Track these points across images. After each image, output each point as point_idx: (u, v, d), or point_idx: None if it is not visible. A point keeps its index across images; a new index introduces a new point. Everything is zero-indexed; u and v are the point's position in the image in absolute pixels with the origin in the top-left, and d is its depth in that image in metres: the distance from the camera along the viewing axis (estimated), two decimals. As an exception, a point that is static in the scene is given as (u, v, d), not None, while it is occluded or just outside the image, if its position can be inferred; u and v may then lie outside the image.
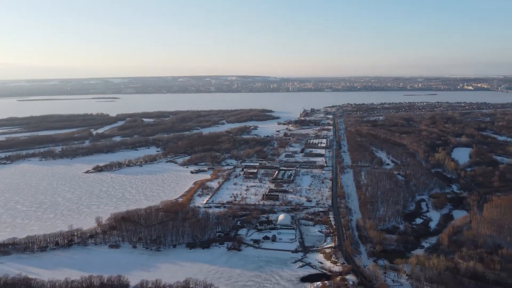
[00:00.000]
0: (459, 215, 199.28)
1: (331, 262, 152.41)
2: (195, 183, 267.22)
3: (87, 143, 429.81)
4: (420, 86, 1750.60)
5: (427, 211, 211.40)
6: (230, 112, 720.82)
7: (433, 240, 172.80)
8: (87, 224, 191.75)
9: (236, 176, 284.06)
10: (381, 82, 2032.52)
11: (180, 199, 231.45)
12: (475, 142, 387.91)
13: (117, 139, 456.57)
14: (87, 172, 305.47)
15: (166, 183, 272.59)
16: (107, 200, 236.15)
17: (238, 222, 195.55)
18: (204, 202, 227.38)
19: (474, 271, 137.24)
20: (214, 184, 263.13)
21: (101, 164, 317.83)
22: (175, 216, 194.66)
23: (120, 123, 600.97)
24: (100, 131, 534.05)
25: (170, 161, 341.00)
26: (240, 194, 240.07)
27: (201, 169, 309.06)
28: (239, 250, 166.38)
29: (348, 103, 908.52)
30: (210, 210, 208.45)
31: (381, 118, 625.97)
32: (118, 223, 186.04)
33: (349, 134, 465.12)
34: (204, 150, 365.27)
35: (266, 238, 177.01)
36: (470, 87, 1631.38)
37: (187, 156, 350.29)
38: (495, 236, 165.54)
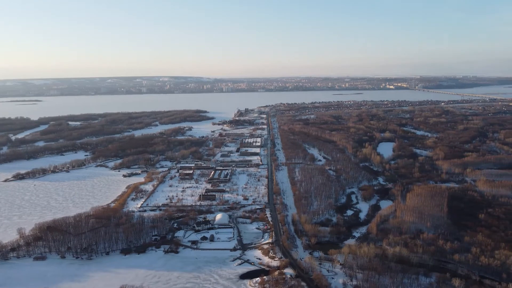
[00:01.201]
0: (386, 205, 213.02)
1: (269, 258, 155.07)
2: (128, 187, 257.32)
3: (5, 149, 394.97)
4: (347, 85, 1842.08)
5: (357, 203, 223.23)
6: (163, 114, 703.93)
7: (363, 229, 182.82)
8: (8, 236, 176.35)
9: (171, 178, 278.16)
10: (311, 82, 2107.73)
11: (113, 204, 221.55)
12: (397, 137, 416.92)
13: (40, 144, 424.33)
14: (6, 180, 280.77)
15: (96, 188, 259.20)
16: (31, 209, 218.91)
17: (175, 224, 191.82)
18: (139, 206, 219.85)
19: (400, 255, 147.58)
20: (149, 187, 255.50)
21: (23, 172, 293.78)
22: (108, 222, 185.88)
23: (43, 127, 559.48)
24: (20, 136, 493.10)
25: (101, 166, 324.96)
26: (176, 196, 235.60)
27: (134, 172, 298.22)
28: (177, 252, 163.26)
29: (281, 103, 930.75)
30: (145, 214, 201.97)
31: (312, 116, 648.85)
32: (44, 233, 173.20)
33: (283, 132, 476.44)
34: (137, 152, 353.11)
35: (204, 238, 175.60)
36: (391, 86, 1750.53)
37: (119, 160, 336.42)
38: (417, 222, 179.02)
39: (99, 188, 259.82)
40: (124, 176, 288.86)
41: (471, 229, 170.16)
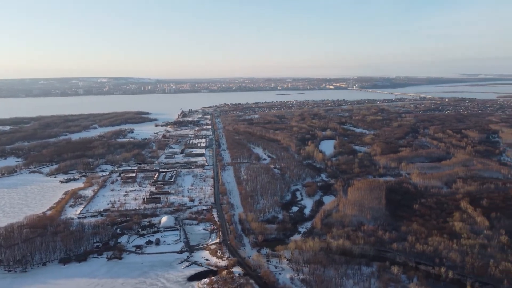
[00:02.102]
0: (329, 200, 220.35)
1: (217, 258, 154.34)
2: (65, 193, 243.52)
3: None
4: (289, 86, 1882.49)
5: (302, 199, 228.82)
6: (102, 116, 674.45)
7: (308, 225, 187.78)
8: None
9: (113, 182, 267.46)
10: (254, 83, 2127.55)
11: (49, 212, 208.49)
12: (338, 135, 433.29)
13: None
14: None
15: (30, 196, 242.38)
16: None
17: (118, 230, 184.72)
18: (78, 212, 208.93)
19: (343, 248, 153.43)
20: (89, 192, 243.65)
21: None
22: (44, 231, 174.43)
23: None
24: None
25: (34, 172, 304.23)
26: (119, 200, 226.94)
27: (72, 177, 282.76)
28: (121, 258, 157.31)
29: (225, 103, 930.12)
30: (86, 221, 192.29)
31: (256, 116, 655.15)
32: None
33: (227, 132, 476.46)
34: (75, 157, 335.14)
35: (149, 242, 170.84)
36: (331, 86, 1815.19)
37: (55, 165, 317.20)
38: (358, 215, 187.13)
39: (33, 195, 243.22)
40: (61, 182, 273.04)
41: (407, 219, 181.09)
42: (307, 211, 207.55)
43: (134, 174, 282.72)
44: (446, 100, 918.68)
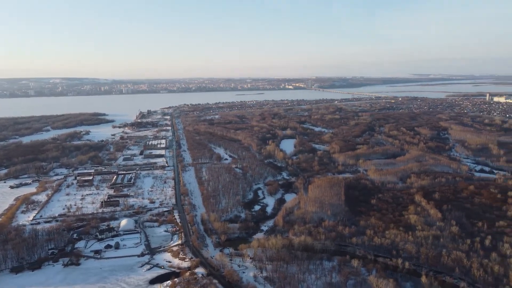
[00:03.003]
0: (290, 198, 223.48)
1: (179, 259, 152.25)
2: (17, 199, 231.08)
3: None
4: (249, 86, 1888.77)
5: (264, 198, 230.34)
6: (55, 118, 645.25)
7: (270, 223, 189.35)
8: None
9: (68, 186, 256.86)
10: (214, 83, 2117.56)
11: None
12: (298, 134, 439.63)
13: None
14: None
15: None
16: None
17: (75, 235, 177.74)
18: (31, 218, 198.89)
19: (305, 244, 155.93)
20: (42, 197, 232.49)
21: None
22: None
23: None
24: None
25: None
26: (75, 205, 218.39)
27: (23, 182, 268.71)
28: (78, 264, 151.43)
29: (185, 104, 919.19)
30: (39, 227, 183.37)
31: (217, 116, 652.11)
32: None
33: (188, 133, 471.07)
34: (26, 161, 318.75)
35: (108, 246, 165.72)
36: (290, 87, 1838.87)
37: (4, 170, 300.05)
38: (319, 211, 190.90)
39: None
40: (12, 187, 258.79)
41: (365, 214, 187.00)
42: (269, 210, 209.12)
43: (91, 177, 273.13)
44: (400, 99, 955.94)
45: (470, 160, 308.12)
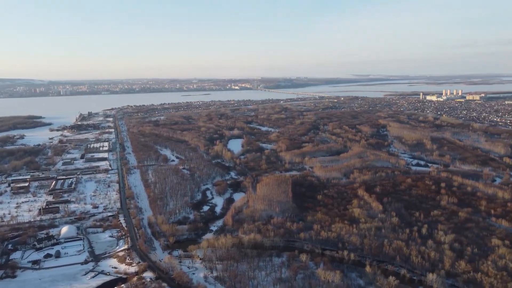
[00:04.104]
0: (239, 197, 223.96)
1: (126, 264, 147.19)
2: None
3: None
4: (195, 86, 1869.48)
5: (212, 198, 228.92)
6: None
7: (220, 222, 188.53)
8: None
9: (1, 194, 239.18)
10: (159, 84, 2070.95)
11: None
12: (245, 133, 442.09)
13: None
14: None
15: None
16: None
17: (10, 245, 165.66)
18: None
19: (255, 241, 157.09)
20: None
21: None
22: None
23: None
24: None
25: None
26: (9, 213, 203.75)
27: None
28: (14, 277, 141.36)
29: (128, 105, 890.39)
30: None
31: (162, 117, 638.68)
32: None
33: (132, 135, 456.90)
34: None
35: (48, 256, 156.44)
36: (236, 87, 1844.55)
37: None
38: (267, 209, 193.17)
39: None
40: None
41: (312, 209, 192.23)
42: (218, 209, 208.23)
43: (26, 184, 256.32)
44: (342, 98, 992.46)
45: (407, 155, 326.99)
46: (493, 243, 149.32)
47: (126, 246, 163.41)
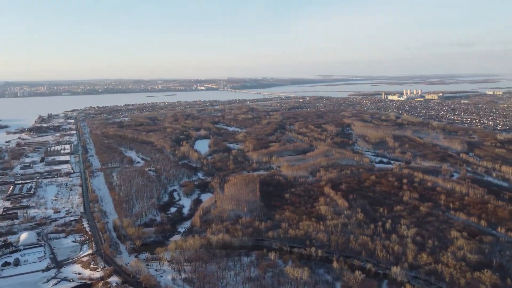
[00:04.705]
0: (207, 198, 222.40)
1: (90, 270, 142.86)
2: None
3: None
4: (160, 87, 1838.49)
5: (180, 199, 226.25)
6: None
7: (187, 224, 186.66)
8: None
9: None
10: (122, 85, 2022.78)
11: None
12: (212, 134, 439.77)
13: None
14: None
15: None
16: None
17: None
18: None
19: (223, 241, 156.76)
20: None
21: None
22: None
23: None
24: None
25: None
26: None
27: None
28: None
29: (91, 106, 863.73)
30: None
31: (126, 119, 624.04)
32: None
33: (95, 137, 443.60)
34: None
35: (6, 264, 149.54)
36: (202, 87, 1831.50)
37: None
38: (235, 209, 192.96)
39: None
40: None
41: (280, 208, 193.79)
42: (185, 211, 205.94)
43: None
44: (307, 98, 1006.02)
45: (371, 153, 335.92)
46: (452, 235, 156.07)
47: (90, 251, 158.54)
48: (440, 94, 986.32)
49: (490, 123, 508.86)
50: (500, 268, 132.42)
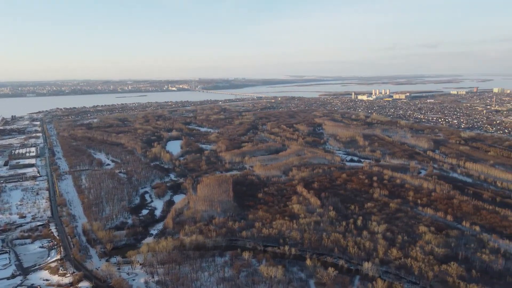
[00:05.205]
0: (179, 199, 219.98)
1: (59, 276, 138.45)
2: None
3: None
4: (130, 88, 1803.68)
5: (152, 201, 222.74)
6: None
7: (160, 226, 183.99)
8: None
9: None
10: (91, 85, 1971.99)
11: None
12: (184, 135, 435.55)
13: None
14: None
15: None
16: None
17: None
18: None
19: (197, 242, 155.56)
20: None
21: None
22: None
23: None
24: None
25: None
26: None
27: None
28: None
29: (58, 108, 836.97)
30: None
31: (95, 120, 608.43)
32: None
33: (63, 139, 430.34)
34: None
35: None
36: (174, 88, 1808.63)
37: None
38: (209, 209, 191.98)
39: None
40: None
41: (253, 208, 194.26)
42: (158, 212, 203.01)
43: None
44: (279, 99, 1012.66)
45: (342, 152, 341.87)
46: (420, 230, 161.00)
47: (58, 256, 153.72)
48: (408, 94, 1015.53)
49: (455, 121, 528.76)
50: (465, 261, 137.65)
